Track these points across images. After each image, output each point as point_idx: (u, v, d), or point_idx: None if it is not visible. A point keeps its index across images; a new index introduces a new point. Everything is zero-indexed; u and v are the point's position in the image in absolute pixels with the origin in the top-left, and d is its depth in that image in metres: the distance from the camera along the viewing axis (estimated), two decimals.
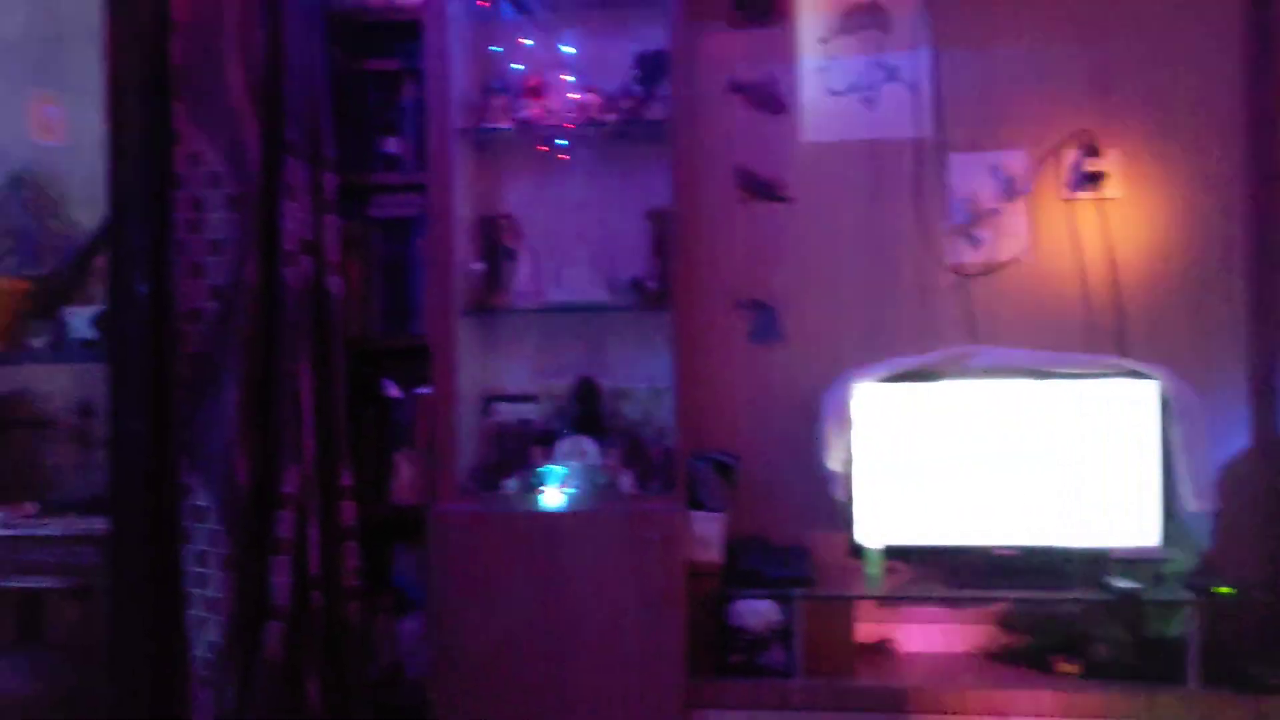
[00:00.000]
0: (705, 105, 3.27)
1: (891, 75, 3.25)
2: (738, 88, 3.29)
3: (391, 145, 3.18)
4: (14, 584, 2.93)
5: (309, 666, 2.79)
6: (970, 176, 3.20)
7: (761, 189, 3.28)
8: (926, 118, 3.22)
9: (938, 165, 3.21)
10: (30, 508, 2.96)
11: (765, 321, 3.26)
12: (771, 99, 3.29)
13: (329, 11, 3.05)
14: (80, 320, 3.04)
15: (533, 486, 2.94)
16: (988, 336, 3.15)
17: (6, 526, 2.90)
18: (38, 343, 3.08)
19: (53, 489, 3.14)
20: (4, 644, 3.13)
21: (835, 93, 3.28)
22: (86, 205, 3.21)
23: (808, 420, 3.10)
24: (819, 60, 3.28)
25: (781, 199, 3.27)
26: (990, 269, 3.20)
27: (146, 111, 2.61)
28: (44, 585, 2.90)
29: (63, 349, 3.05)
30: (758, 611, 2.90)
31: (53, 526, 2.87)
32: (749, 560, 2.99)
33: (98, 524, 2.71)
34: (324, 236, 2.93)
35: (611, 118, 3.08)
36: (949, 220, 3.21)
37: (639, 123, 3.06)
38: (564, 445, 3.02)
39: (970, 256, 3.21)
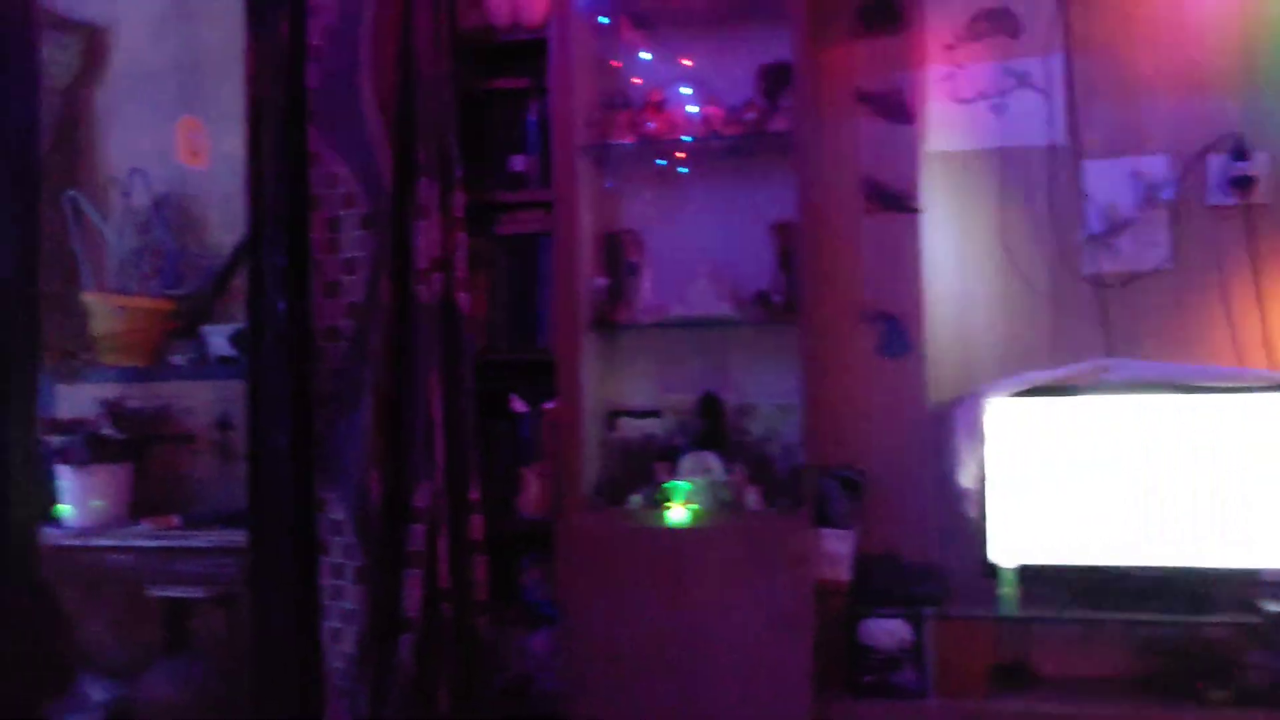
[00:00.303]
0: (830, 116, 3.23)
1: (1022, 81, 3.17)
2: (863, 98, 3.25)
3: (517, 163, 3.22)
4: (162, 593, 3.04)
5: (440, 678, 2.83)
6: (1107, 183, 3.10)
7: (888, 199, 3.22)
8: (1060, 123, 3.13)
9: (1072, 172, 3.12)
10: (175, 520, 3.06)
11: (893, 334, 3.21)
12: (898, 108, 3.23)
13: (456, 33, 3.10)
14: (220, 338, 3.14)
15: (658, 502, 2.93)
16: (1126, 349, 3.04)
17: (154, 538, 3.00)
18: (180, 360, 3.20)
19: (196, 502, 3.24)
20: (153, 651, 3.25)
21: (963, 100, 3.21)
22: (225, 227, 3.31)
23: (938, 435, 3.03)
24: (945, 68, 3.22)
25: (909, 209, 3.21)
26: (1129, 279, 3.09)
27: (284, 135, 2.67)
28: (190, 595, 3.01)
29: (203, 366, 3.16)
30: (889, 631, 2.84)
31: (197, 538, 2.96)
32: (879, 578, 2.93)
33: (239, 536, 2.79)
34: (453, 254, 2.97)
35: (734, 131, 3.07)
36: (1085, 229, 3.11)
37: (762, 135, 3.04)
38: (688, 461, 3.00)
39: (1108, 266, 3.10)
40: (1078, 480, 2.90)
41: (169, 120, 3.37)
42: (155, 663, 3.19)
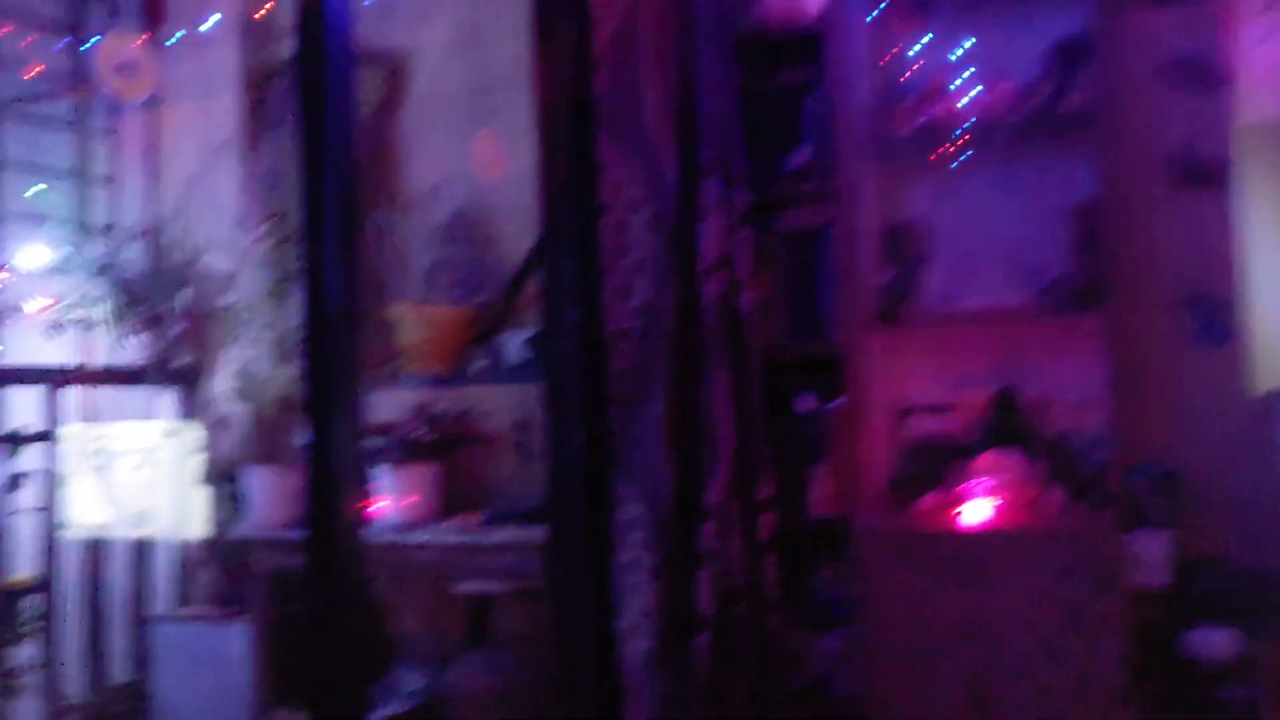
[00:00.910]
0: (1130, 90, 3.02)
1: None
2: (1168, 67, 3.02)
3: (796, 158, 3.19)
4: (467, 588, 3.20)
5: (735, 678, 2.83)
6: None
7: (1199, 175, 2.98)
8: None
9: None
10: (479, 517, 3.21)
11: (1210, 320, 2.96)
12: (1208, 76, 2.99)
13: (734, 31, 3.10)
14: (515, 344, 3.28)
15: (953, 502, 2.82)
16: None
17: (459, 534, 3.16)
18: (478, 366, 3.35)
19: (498, 500, 3.39)
20: (459, 643, 3.42)
21: None
22: (518, 237, 3.45)
23: (1265, 428, 2.78)
24: (1259, 32, 2.94)
25: (1223, 184, 2.96)
26: None
27: (573, 143, 2.74)
28: (493, 589, 3.14)
29: (501, 371, 3.30)
30: (1216, 641, 2.62)
31: (499, 535, 3.10)
32: (1203, 584, 2.71)
33: (538, 534, 2.89)
34: (736, 252, 2.98)
35: (1024, 112, 2.92)
36: None
37: (1053, 115, 2.89)
38: (984, 459, 2.88)
39: None
40: None
41: (464, 139, 3.54)
42: (462, 654, 3.35)
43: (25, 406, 4.09)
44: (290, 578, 3.39)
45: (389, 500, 3.27)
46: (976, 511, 2.77)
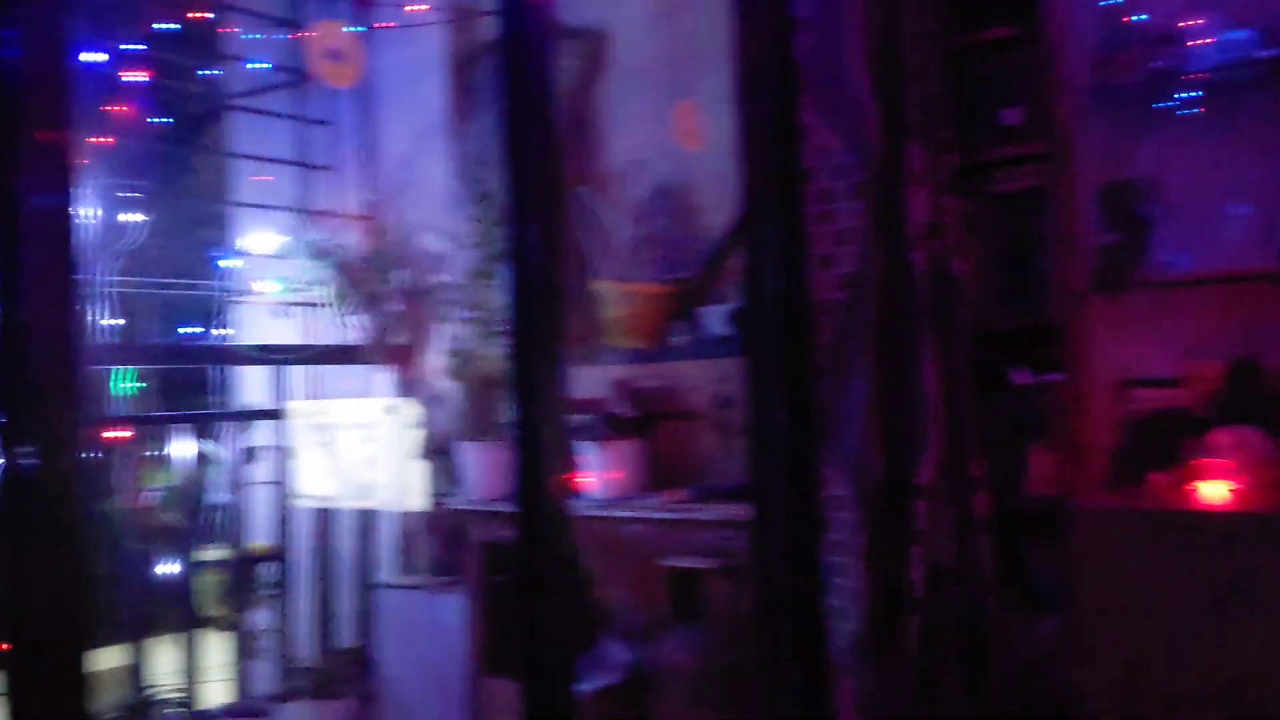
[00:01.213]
0: None
1: None
2: None
3: (1008, 116, 3.03)
4: (673, 563, 3.20)
5: (947, 662, 2.73)
6: None
7: None
8: None
9: None
10: (684, 493, 3.20)
11: None
12: None
13: None
14: (716, 318, 3.24)
15: (1186, 482, 2.63)
16: None
17: (665, 511, 3.16)
18: (679, 341, 3.34)
19: (701, 476, 3.38)
20: (666, 618, 3.43)
21: None
22: (718, 210, 3.41)
23: None
24: None
25: None
26: None
27: (774, 110, 2.68)
28: (699, 565, 3.14)
29: (702, 346, 3.28)
30: None
31: (704, 512, 3.08)
32: None
33: (742, 511, 2.86)
34: (944, 218, 2.86)
35: (1271, 53, 2.67)
36: None
37: None
38: (1219, 436, 2.66)
39: None
40: None
41: (663, 112, 3.53)
42: (668, 629, 3.37)
43: (257, 385, 4.36)
44: (502, 550, 3.48)
45: (594, 476, 3.30)
46: (1212, 493, 2.57)
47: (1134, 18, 2.90)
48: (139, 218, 3.82)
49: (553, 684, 2.18)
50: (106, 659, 4.02)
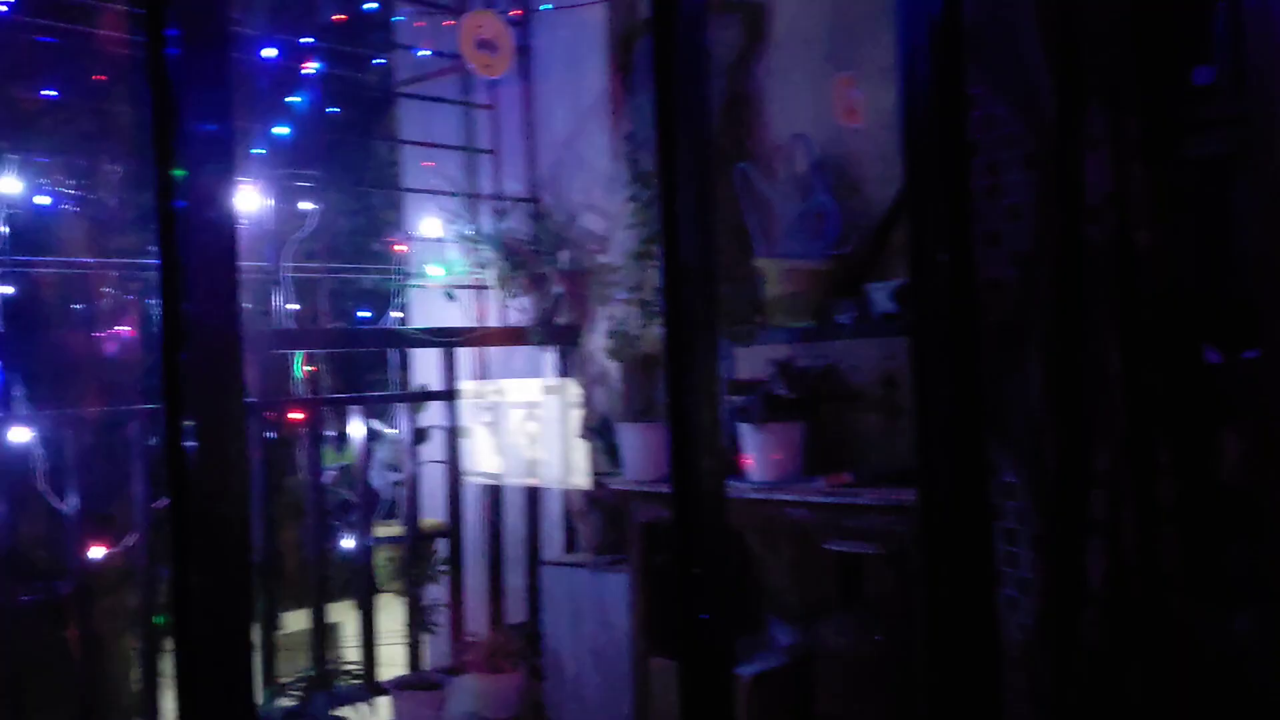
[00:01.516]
0: None
1: None
2: None
3: (1202, 75, 2.80)
4: (836, 547, 3.12)
5: (1130, 660, 2.57)
6: None
7: None
8: None
9: None
10: (846, 477, 3.11)
11: None
12: None
13: None
14: (881, 295, 3.13)
15: None
16: None
17: (827, 494, 3.08)
18: (842, 319, 3.24)
19: (864, 459, 3.28)
20: (828, 602, 3.36)
21: None
22: (882, 183, 3.30)
23: None
24: None
25: None
26: None
27: (939, 79, 2.56)
28: (861, 550, 3.05)
29: (866, 324, 3.17)
30: None
31: (867, 495, 2.99)
32: None
33: (907, 495, 2.76)
34: (1129, 187, 2.67)
35: None
36: None
37: None
38: None
39: None
40: None
41: (825, 84, 3.43)
42: (831, 613, 3.29)
43: (427, 366, 4.47)
44: (662, 530, 3.47)
45: (754, 457, 3.24)
46: None
47: None
48: (314, 206, 3.96)
49: (712, 666, 2.15)
50: (294, 622, 4.22)
